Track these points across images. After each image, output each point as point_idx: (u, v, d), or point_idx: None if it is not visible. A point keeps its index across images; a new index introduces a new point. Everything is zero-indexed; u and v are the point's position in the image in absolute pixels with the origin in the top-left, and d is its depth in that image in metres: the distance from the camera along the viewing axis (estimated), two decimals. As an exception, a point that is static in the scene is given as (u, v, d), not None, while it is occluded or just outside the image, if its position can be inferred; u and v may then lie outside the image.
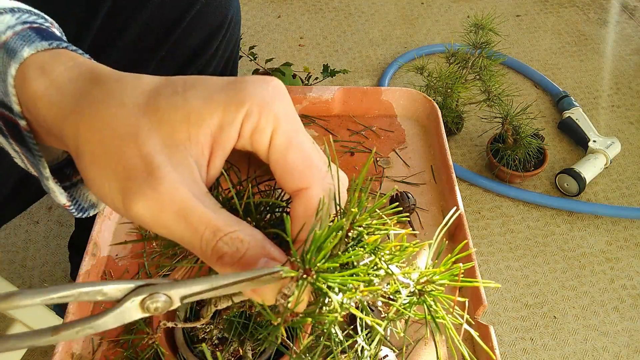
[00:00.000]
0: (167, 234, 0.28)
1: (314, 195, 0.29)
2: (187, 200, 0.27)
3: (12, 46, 0.32)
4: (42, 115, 0.31)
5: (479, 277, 0.59)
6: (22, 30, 0.33)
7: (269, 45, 1.92)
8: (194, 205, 0.27)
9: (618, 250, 1.43)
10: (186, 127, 0.28)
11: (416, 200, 0.70)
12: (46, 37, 0.33)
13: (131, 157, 0.27)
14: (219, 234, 0.27)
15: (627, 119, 1.75)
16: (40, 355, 1.16)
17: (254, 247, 0.27)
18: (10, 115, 0.34)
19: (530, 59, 1.92)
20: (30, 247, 1.34)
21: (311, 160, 0.30)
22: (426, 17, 2.08)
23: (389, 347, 0.56)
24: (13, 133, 0.35)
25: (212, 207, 0.28)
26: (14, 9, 0.35)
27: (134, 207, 0.27)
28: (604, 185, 1.57)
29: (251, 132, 0.29)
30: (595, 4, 2.17)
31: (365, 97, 0.82)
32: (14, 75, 0.32)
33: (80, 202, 0.38)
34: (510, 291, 1.34)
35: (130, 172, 0.27)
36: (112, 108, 0.29)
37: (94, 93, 0.30)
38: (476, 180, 1.53)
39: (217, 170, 0.30)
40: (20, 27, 0.33)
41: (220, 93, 0.29)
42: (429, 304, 0.29)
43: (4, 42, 0.32)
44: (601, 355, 1.24)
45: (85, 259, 0.61)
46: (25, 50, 0.32)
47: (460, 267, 0.29)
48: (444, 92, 1.47)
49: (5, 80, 0.32)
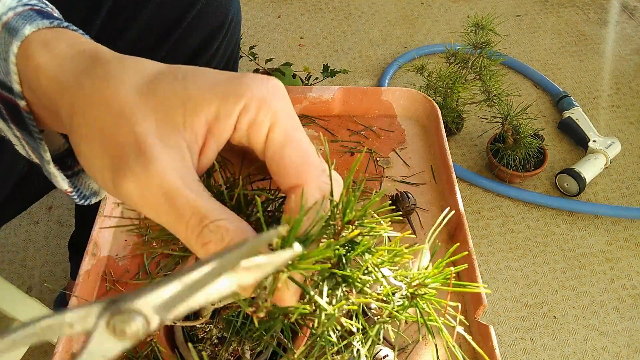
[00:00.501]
0: (154, 216, 0.28)
1: (308, 192, 0.29)
2: (176, 183, 0.27)
3: (13, 25, 0.32)
4: (42, 88, 0.31)
5: (479, 278, 0.59)
6: (24, 11, 0.33)
7: (269, 45, 1.92)
8: (182, 190, 0.27)
9: (618, 250, 1.43)
10: (182, 112, 0.28)
11: (416, 200, 0.70)
12: (48, 16, 0.33)
13: (125, 135, 0.27)
14: (205, 221, 0.27)
15: (627, 119, 1.75)
16: (40, 355, 1.16)
17: (239, 237, 0.27)
18: (10, 96, 0.34)
19: (530, 59, 1.92)
20: (30, 247, 1.34)
21: (308, 157, 0.30)
22: (426, 17, 2.08)
23: (389, 347, 0.56)
24: (13, 115, 0.35)
25: (201, 194, 0.28)
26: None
27: (123, 185, 0.27)
28: (604, 185, 1.57)
29: (248, 126, 0.29)
30: (595, 4, 2.17)
31: (365, 97, 0.82)
32: (16, 53, 0.32)
33: (81, 190, 0.38)
34: (510, 291, 1.34)
35: (123, 149, 0.27)
36: (111, 86, 0.29)
37: (95, 70, 0.30)
38: (476, 180, 1.53)
39: (209, 160, 0.30)
40: (21, 9, 0.33)
41: (220, 85, 0.29)
42: (421, 307, 0.29)
43: (5, 22, 0.32)
44: (601, 355, 1.24)
45: (85, 259, 0.61)
46: (27, 27, 0.32)
47: (452, 270, 0.29)
48: (444, 92, 1.47)
49: (7, 59, 0.32)
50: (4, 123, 0.36)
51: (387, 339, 0.58)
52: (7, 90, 0.33)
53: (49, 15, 0.33)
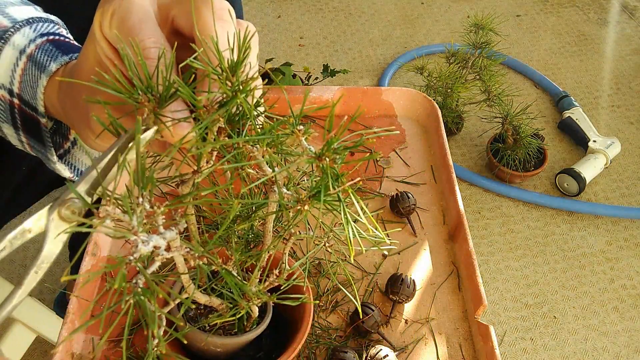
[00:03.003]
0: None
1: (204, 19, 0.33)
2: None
3: (39, 59, 0.42)
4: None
5: (479, 278, 0.59)
6: (42, 44, 0.43)
7: (269, 45, 1.92)
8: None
9: (618, 250, 1.43)
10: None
11: (416, 200, 0.70)
12: (65, 50, 0.43)
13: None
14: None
15: (627, 119, 1.75)
16: (40, 355, 1.16)
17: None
18: (33, 114, 0.43)
19: (530, 59, 1.92)
20: (30, 247, 1.34)
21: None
22: (426, 17, 2.08)
23: (389, 347, 0.56)
24: (29, 127, 0.44)
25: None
26: (29, 20, 0.44)
27: (100, 12, 0.34)
28: (604, 185, 1.57)
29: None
30: (595, 4, 2.17)
31: (365, 97, 0.82)
32: (45, 86, 0.41)
33: (76, 166, 0.47)
34: (510, 291, 1.34)
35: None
36: None
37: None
38: (476, 180, 1.53)
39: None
40: (40, 40, 0.43)
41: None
42: (326, 166, 0.30)
43: (30, 54, 0.42)
44: (601, 355, 1.24)
45: (86, 259, 0.61)
46: (52, 65, 0.41)
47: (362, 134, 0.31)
48: (444, 92, 1.47)
49: (35, 88, 0.42)
50: (13, 130, 0.45)
51: (387, 339, 0.58)
52: (32, 109, 0.43)
53: (66, 49, 0.43)
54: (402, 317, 0.61)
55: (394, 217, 0.70)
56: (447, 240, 0.68)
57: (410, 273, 0.65)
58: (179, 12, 0.34)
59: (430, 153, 0.79)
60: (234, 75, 0.30)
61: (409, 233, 0.69)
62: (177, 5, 0.35)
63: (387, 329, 0.60)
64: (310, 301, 0.47)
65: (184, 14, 0.34)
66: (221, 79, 0.30)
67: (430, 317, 0.61)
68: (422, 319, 0.61)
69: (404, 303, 0.61)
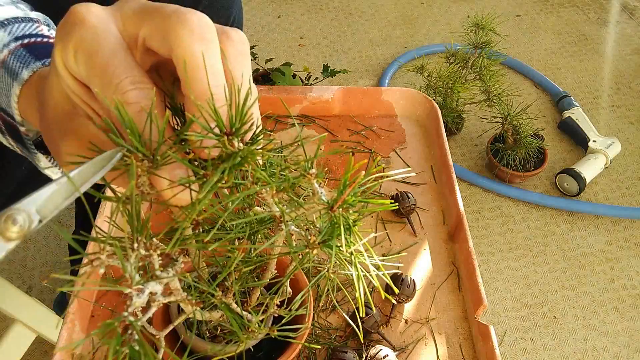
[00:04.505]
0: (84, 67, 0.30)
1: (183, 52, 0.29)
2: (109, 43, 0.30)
3: (11, 67, 0.39)
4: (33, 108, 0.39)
5: (479, 278, 0.59)
6: (16, 49, 0.40)
7: (269, 45, 1.92)
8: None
9: (618, 250, 1.43)
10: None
11: (416, 200, 0.70)
12: (39, 55, 0.40)
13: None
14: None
15: (627, 119, 1.75)
16: (40, 355, 1.16)
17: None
18: (12, 121, 0.41)
19: (530, 59, 1.92)
20: (30, 247, 1.34)
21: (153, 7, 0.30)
22: (426, 17, 2.08)
23: (389, 347, 0.56)
24: (12, 133, 0.42)
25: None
26: (5, 21, 0.41)
27: (60, 47, 0.30)
28: (604, 185, 1.57)
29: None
30: (595, 4, 2.17)
31: (365, 97, 0.82)
32: (18, 94, 0.39)
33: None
34: (510, 291, 1.34)
35: (65, 25, 0.31)
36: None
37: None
38: (476, 180, 1.53)
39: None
40: (13, 45, 0.40)
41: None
42: (339, 216, 0.29)
43: (2, 60, 0.40)
44: (601, 355, 1.24)
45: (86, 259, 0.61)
46: (24, 72, 0.39)
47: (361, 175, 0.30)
48: (444, 92, 1.47)
49: (9, 96, 0.40)
50: (2, 136, 0.44)
51: (387, 339, 0.58)
52: (10, 117, 0.41)
53: (40, 53, 0.40)
54: (402, 317, 0.61)
55: (394, 217, 0.70)
56: (447, 240, 0.68)
57: (410, 273, 0.65)
58: (150, 32, 0.30)
59: (430, 153, 0.79)
60: (235, 134, 0.27)
61: (409, 233, 0.69)
62: (147, 24, 0.30)
63: (387, 329, 0.60)
64: (309, 328, 0.46)
65: (156, 33, 0.30)
66: (221, 143, 0.27)
67: (430, 317, 0.61)
68: (422, 319, 0.61)
69: (404, 303, 0.61)
